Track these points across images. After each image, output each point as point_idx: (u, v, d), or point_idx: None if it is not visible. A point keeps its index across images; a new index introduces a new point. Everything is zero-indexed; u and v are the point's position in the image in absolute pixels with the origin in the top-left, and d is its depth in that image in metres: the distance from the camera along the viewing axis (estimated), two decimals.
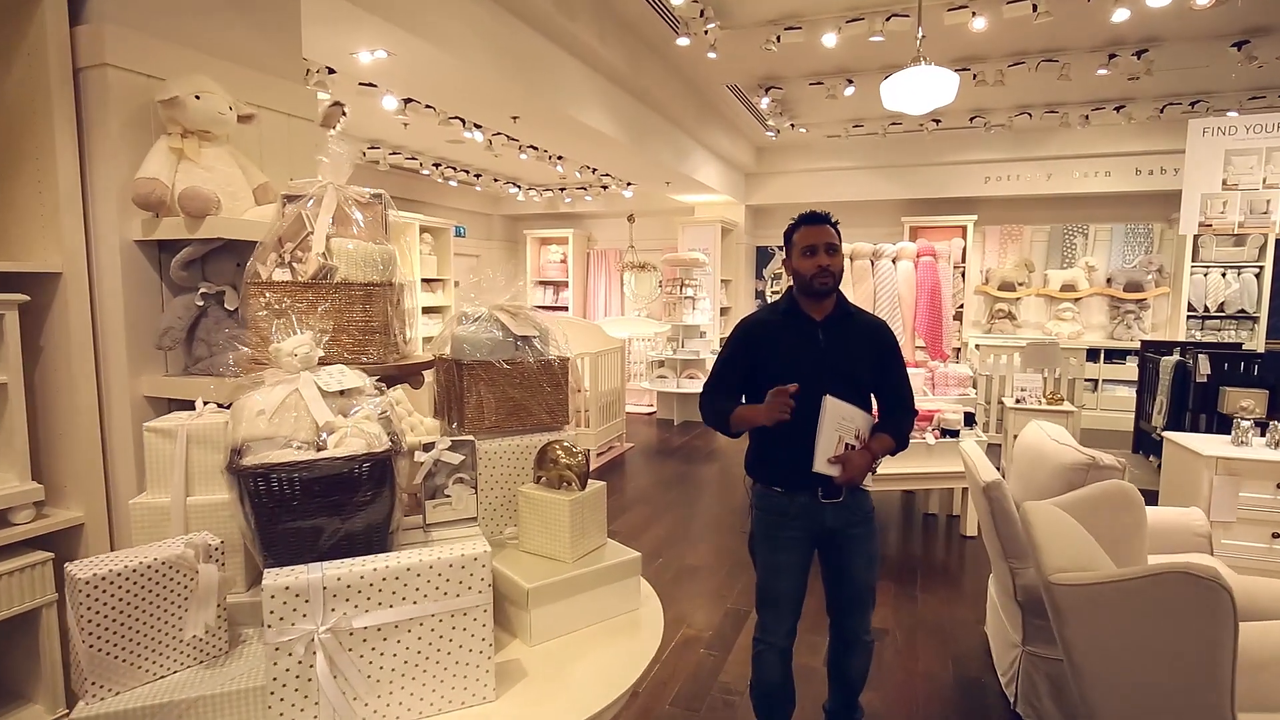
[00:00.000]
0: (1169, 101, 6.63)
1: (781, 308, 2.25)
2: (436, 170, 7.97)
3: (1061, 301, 8.50)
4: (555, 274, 10.90)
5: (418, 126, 6.03)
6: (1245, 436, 3.24)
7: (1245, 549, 3.14)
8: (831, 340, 2.16)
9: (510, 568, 1.57)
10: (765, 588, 2.24)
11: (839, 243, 2.21)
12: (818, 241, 2.16)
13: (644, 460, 6.58)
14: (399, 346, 1.73)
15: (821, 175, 8.93)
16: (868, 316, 2.29)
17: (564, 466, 1.66)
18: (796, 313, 2.20)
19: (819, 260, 2.14)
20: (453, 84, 4.15)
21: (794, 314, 2.20)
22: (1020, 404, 5.69)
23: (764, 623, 2.25)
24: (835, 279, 2.15)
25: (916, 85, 3.64)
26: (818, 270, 2.14)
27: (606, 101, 5.30)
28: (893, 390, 2.25)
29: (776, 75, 6.02)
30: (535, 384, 1.87)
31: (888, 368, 2.23)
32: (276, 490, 1.24)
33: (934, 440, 4.36)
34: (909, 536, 4.58)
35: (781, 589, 2.21)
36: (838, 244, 2.20)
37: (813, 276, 2.14)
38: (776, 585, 2.21)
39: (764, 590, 2.24)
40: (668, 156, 6.66)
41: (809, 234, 2.19)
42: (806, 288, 2.17)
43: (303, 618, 1.16)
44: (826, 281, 2.14)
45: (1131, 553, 2.04)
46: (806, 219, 2.22)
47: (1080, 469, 2.36)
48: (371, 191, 1.82)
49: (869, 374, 2.20)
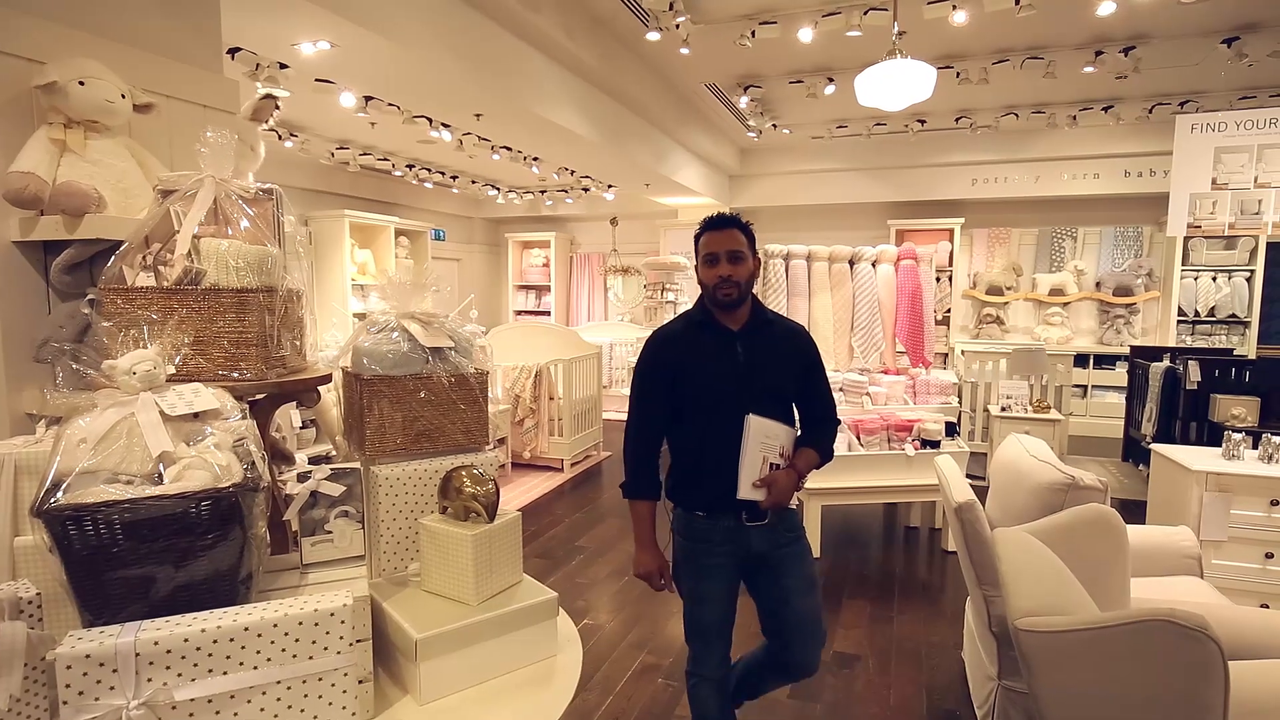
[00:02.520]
0: (1158, 101, 6.48)
1: (695, 319, 2.06)
2: (410, 172, 7.76)
3: (1050, 306, 8.34)
4: (537, 278, 10.70)
5: (386, 126, 5.83)
6: (1237, 450, 3.06)
7: (1237, 570, 2.96)
8: (751, 352, 2.01)
9: (403, 612, 1.38)
10: (694, 618, 2.09)
11: (746, 249, 2.00)
12: (719, 249, 1.96)
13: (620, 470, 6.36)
14: (286, 360, 1.54)
15: (806, 177, 8.77)
16: (787, 323, 2.17)
17: (469, 496, 1.47)
18: (710, 323, 2.02)
19: (720, 270, 1.96)
20: (406, 78, 3.96)
21: (708, 325, 2.02)
22: (1006, 412, 5.52)
23: (695, 654, 2.10)
24: (740, 289, 1.97)
25: (892, 79, 3.46)
26: (719, 280, 1.96)
27: (577, 99, 5.11)
28: (816, 400, 2.12)
29: (755, 73, 5.85)
30: (448, 401, 1.67)
31: (810, 377, 2.10)
32: (92, 535, 1.05)
33: (914, 452, 4.18)
34: (890, 551, 4.40)
35: (710, 619, 2.06)
36: (744, 250, 1.99)
37: (715, 287, 1.97)
38: (704, 615, 2.07)
39: (693, 621, 2.09)
40: (646, 158, 6.48)
41: (711, 240, 1.99)
42: (711, 299, 2.01)
43: (109, 690, 0.96)
44: (730, 293, 1.96)
45: (1112, 584, 1.86)
46: (710, 223, 2.02)
47: (1059, 489, 2.18)
48: (261, 186, 1.63)
49: (792, 384, 2.07)
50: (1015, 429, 5.48)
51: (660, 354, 2.04)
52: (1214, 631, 1.21)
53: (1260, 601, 2.93)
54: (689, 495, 2.06)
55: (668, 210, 9.53)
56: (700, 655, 2.08)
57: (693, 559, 2.06)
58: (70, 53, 1.84)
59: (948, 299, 8.48)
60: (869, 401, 4.58)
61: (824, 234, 8.27)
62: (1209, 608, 2.14)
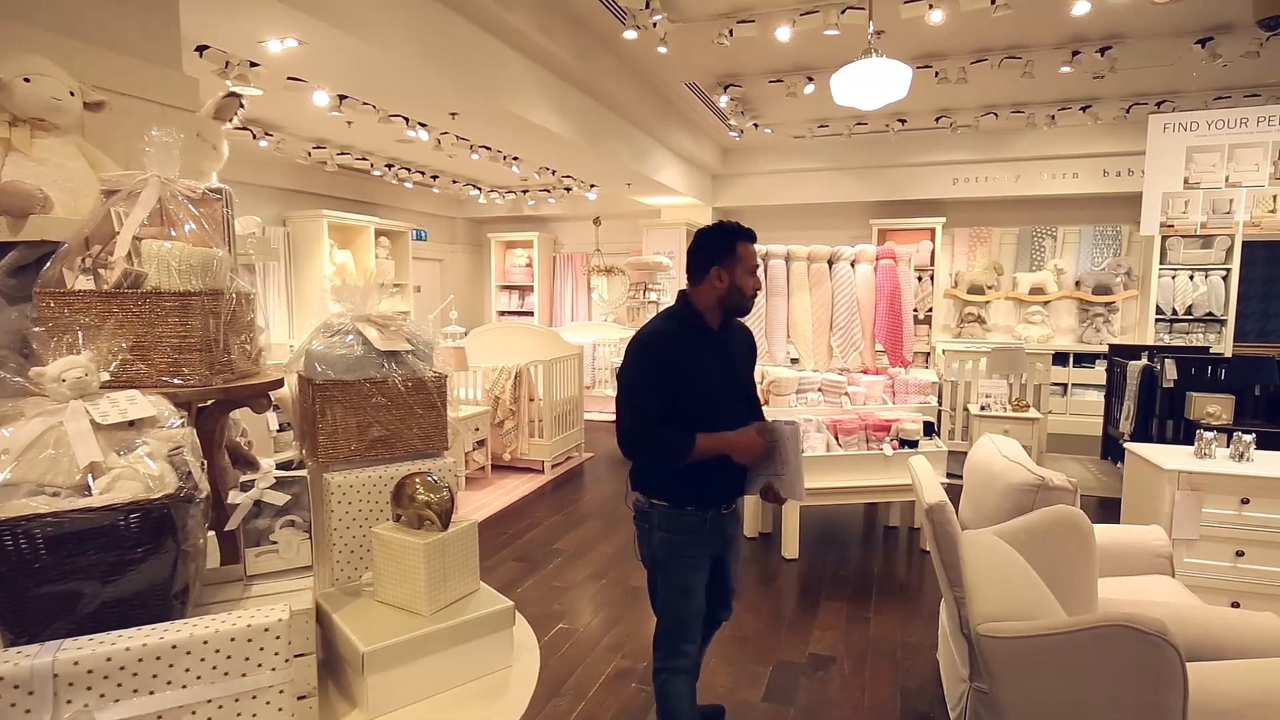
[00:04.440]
0: (1135, 101, 6.52)
1: (686, 320, 2.14)
2: (390, 171, 7.69)
3: (1031, 305, 8.39)
4: (520, 278, 10.65)
5: (362, 125, 5.77)
6: (1209, 448, 3.07)
7: (1208, 568, 2.97)
8: (727, 349, 2.19)
9: (353, 624, 1.34)
10: (678, 610, 2.17)
11: None
12: (757, 261, 2.17)
13: (603, 471, 6.35)
14: (234, 365, 1.50)
15: (788, 177, 8.77)
16: (737, 321, 2.29)
17: (422, 504, 1.44)
18: (699, 325, 2.13)
19: (757, 281, 2.16)
20: (378, 77, 3.91)
21: (699, 326, 2.13)
22: (985, 411, 5.53)
23: (675, 648, 2.16)
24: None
25: (867, 79, 3.45)
26: (756, 290, 2.16)
27: (555, 98, 5.07)
28: (755, 390, 2.33)
29: (735, 73, 5.84)
30: (405, 406, 1.64)
31: (752, 372, 2.32)
32: (12, 550, 1.01)
33: (892, 452, 4.17)
34: (868, 551, 4.39)
35: (695, 608, 2.18)
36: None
37: (754, 294, 2.15)
38: (691, 606, 2.16)
39: (677, 614, 2.17)
40: (626, 157, 6.45)
41: (752, 252, 2.15)
42: (740, 304, 2.14)
43: (25, 714, 0.92)
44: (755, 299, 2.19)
45: (1079, 586, 1.85)
46: (749, 235, 2.16)
47: (1029, 490, 2.17)
48: (209, 187, 1.58)
49: (749, 379, 2.29)
50: (994, 428, 5.50)
51: (665, 353, 2.05)
52: (1173, 636, 1.20)
53: (1231, 600, 2.95)
54: (684, 492, 2.10)
55: (650, 210, 9.51)
56: (683, 648, 2.15)
57: (680, 553, 2.13)
58: (16, 48, 1.79)
59: (929, 298, 8.51)
60: (847, 401, 4.57)
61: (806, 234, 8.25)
62: (1178, 608, 2.14)
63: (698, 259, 2.12)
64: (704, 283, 2.10)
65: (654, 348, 2.07)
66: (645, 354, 2.07)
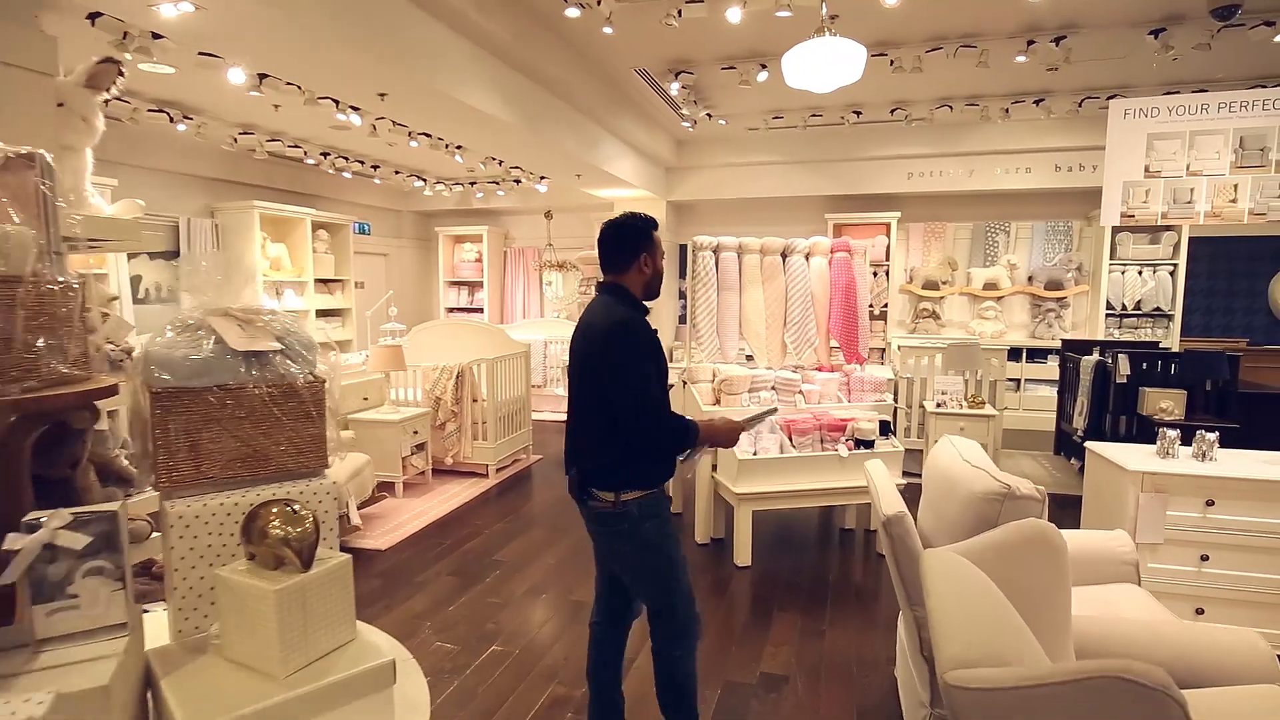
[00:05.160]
0: (1087, 95, 6.51)
1: (639, 306, 2.18)
2: (326, 160, 7.29)
3: (984, 300, 8.37)
4: (470, 274, 10.29)
5: (291, 109, 5.40)
6: (1171, 447, 2.95)
7: (1172, 573, 2.84)
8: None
9: (182, 692, 1.07)
10: (685, 584, 2.16)
11: None
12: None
13: (552, 474, 6.08)
14: (42, 370, 1.21)
15: (743, 170, 8.60)
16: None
17: (277, 540, 1.17)
18: (645, 311, 2.19)
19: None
20: (293, 51, 3.57)
21: (645, 312, 2.18)
22: (941, 408, 5.42)
23: (690, 626, 2.16)
24: None
25: (820, 58, 3.26)
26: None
27: (493, 81, 4.78)
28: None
29: (685, 58, 5.61)
30: (270, 418, 1.37)
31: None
32: None
33: (847, 453, 4.00)
34: (823, 556, 4.22)
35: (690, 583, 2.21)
36: None
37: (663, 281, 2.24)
38: (687, 580, 2.18)
39: (685, 587, 2.15)
40: (574, 146, 6.18)
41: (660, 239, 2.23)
42: (657, 289, 2.22)
43: None
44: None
45: (1053, 611, 1.67)
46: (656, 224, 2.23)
47: (994, 499, 1.98)
48: (14, 151, 1.29)
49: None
50: (950, 425, 5.40)
51: (651, 340, 2.08)
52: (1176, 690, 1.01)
53: (1196, 606, 2.83)
54: (656, 473, 2.11)
55: (603, 203, 9.24)
56: (696, 626, 2.16)
57: (666, 531, 2.14)
58: None
59: (885, 294, 8.44)
60: (801, 400, 4.39)
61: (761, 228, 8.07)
62: (1155, 627, 1.98)
63: (627, 248, 2.14)
64: (632, 270, 2.14)
65: (643, 335, 2.05)
66: (637, 342, 2.03)
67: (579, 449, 2.11)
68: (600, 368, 2.01)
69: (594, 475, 2.06)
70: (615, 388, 1.99)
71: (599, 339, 2.02)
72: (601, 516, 2.08)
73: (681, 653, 2.13)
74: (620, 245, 2.14)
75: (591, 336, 2.06)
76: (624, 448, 2.02)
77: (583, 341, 2.10)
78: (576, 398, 2.13)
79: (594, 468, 2.06)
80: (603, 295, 2.14)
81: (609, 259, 2.15)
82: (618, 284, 2.14)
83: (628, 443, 2.01)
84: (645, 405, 1.98)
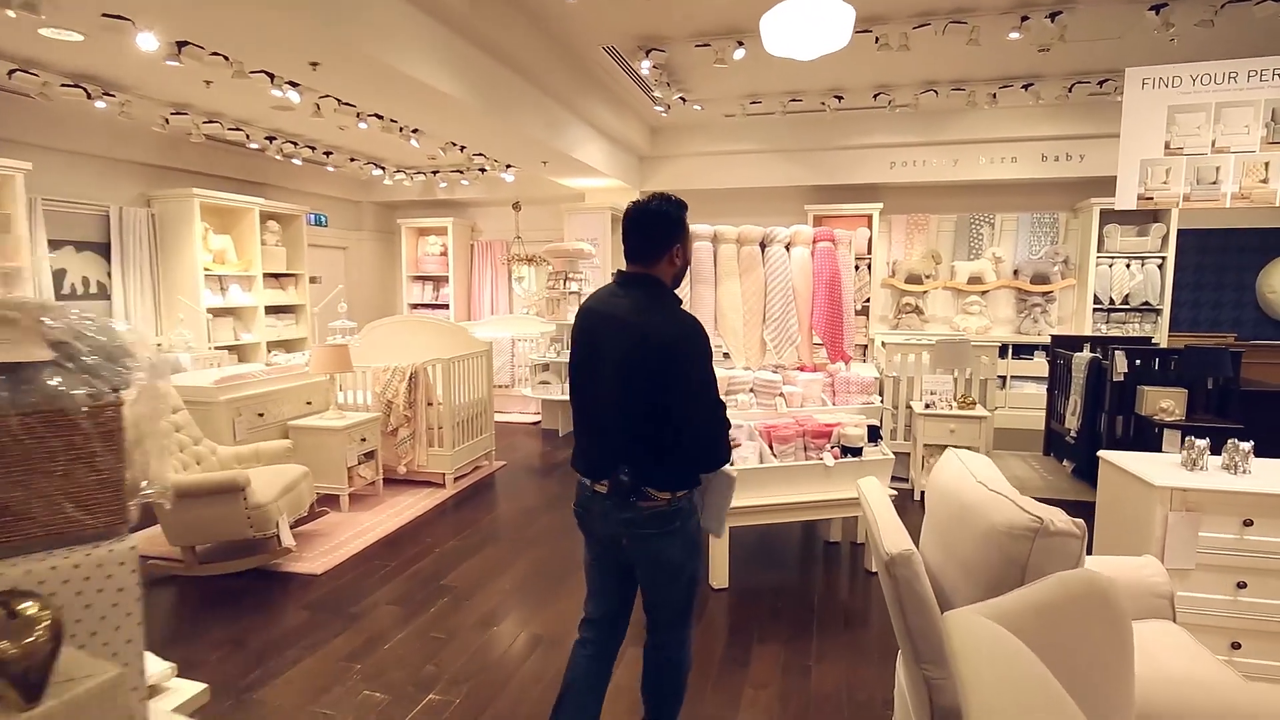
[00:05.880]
0: (1078, 80, 6.21)
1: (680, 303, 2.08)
2: (272, 145, 6.78)
3: (969, 295, 8.07)
4: (434, 268, 9.81)
5: (225, 86, 4.92)
6: (1200, 458, 2.61)
7: (1204, 602, 2.51)
8: None
9: None
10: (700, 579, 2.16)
11: None
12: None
13: (515, 482, 5.66)
14: None
15: (720, 159, 8.23)
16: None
17: None
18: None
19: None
20: (202, 6, 3.12)
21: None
22: (930, 409, 5.09)
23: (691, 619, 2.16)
24: None
25: (803, 20, 2.87)
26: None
27: (445, 54, 4.34)
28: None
29: (657, 35, 5.21)
30: (25, 457, 0.95)
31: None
32: None
33: (833, 461, 3.64)
34: (807, 576, 3.85)
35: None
36: None
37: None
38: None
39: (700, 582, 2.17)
40: (539, 130, 5.76)
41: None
42: (679, 283, 2.09)
43: None
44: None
45: (1112, 691, 1.30)
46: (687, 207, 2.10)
47: (1022, 535, 1.61)
48: None
49: None
50: (940, 427, 5.07)
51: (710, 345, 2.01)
52: None
53: (1231, 640, 2.50)
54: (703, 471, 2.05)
55: (574, 193, 8.83)
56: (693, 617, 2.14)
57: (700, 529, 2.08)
58: None
59: (867, 288, 8.12)
60: (783, 404, 4.02)
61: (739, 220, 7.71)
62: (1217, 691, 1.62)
63: (660, 236, 1.98)
64: (663, 261, 1.99)
65: (706, 339, 1.97)
66: (707, 349, 1.96)
67: (624, 451, 1.95)
68: (667, 372, 1.88)
69: (651, 476, 1.94)
70: (684, 394, 1.90)
71: (667, 342, 1.89)
72: (656, 517, 1.96)
73: (688, 657, 2.15)
74: (651, 232, 1.98)
75: (645, 335, 1.90)
76: (680, 448, 1.93)
77: (625, 339, 1.93)
78: (619, 398, 1.94)
79: (651, 468, 1.94)
80: (634, 289, 1.98)
81: (638, 247, 1.99)
82: (649, 275, 1.99)
83: (688, 444, 1.94)
84: (714, 411, 1.95)
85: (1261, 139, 3.33)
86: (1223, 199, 3.53)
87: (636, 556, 2.03)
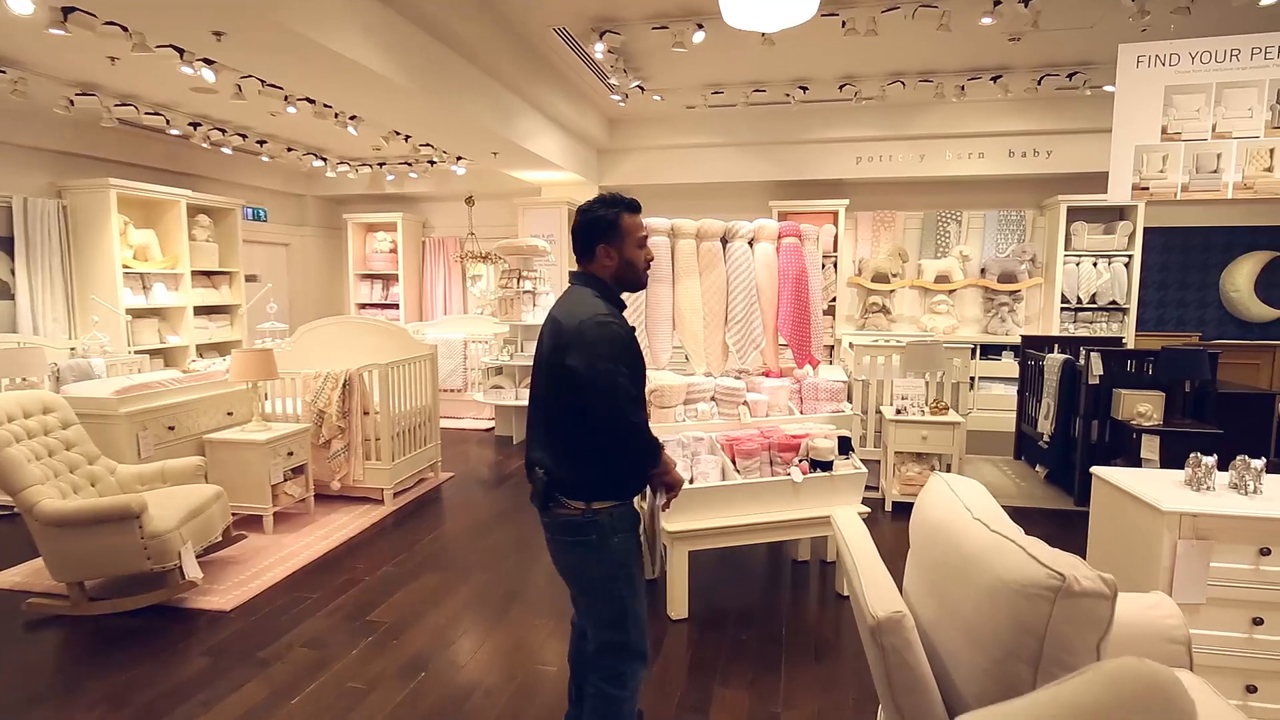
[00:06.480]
0: (1047, 72, 6.03)
1: (613, 299, 2.00)
2: (197, 132, 6.26)
3: (936, 294, 7.88)
4: (383, 265, 9.32)
5: (131, 63, 4.44)
6: (1207, 478, 2.35)
7: (1216, 640, 2.24)
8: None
9: None
10: (643, 619, 1.98)
11: None
12: (645, 231, 2.07)
13: (463, 495, 5.27)
14: None
15: (681, 153, 7.91)
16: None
17: None
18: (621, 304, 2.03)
19: (649, 252, 2.08)
20: None
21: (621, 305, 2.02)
22: (901, 415, 4.82)
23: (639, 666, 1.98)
24: None
25: None
26: (648, 262, 2.08)
27: (375, 28, 3.93)
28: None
29: (611, 15, 4.85)
30: None
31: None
32: None
33: (801, 477, 3.33)
34: (773, 602, 3.53)
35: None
36: None
37: (646, 267, 2.07)
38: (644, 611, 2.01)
39: (642, 621, 1.98)
40: (487, 118, 5.36)
41: (638, 223, 2.04)
42: (636, 279, 2.06)
43: None
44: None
45: None
46: (632, 205, 2.04)
47: (1040, 596, 1.30)
48: None
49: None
50: (912, 434, 4.81)
51: (628, 336, 1.92)
52: None
53: (1246, 682, 2.24)
54: (635, 485, 2.00)
55: (530, 188, 8.43)
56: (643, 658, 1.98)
57: (634, 548, 1.99)
58: None
59: (833, 287, 7.87)
60: (747, 413, 3.70)
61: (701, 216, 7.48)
62: None
63: (582, 238, 2.01)
64: (594, 262, 2.00)
65: (624, 338, 1.90)
66: (619, 346, 1.87)
67: (543, 453, 1.94)
68: (570, 366, 1.83)
69: (563, 482, 1.90)
70: (586, 389, 1.82)
71: (568, 335, 1.86)
72: (568, 525, 1.92)
73: (627, 694, 1.96)
74: (578, 231, 2.02)
75: (560, 332, 1.90)
76: (596, 454, 1.89)
77: (551, 337, 1.94)
78: (543, 398, 1.96)
79: (564, 473, 1.90)
80: (576, 287, 2.02)
81: (575, 245, 2.05)
82: (589, 273, 2.02)
83: (600, 449, 1.88)
84: (616, 409, 1.83)
85: (1266, 123, 3.10)
86: (1224, 189, 3.29)
87: (556, 564, 2.03)
